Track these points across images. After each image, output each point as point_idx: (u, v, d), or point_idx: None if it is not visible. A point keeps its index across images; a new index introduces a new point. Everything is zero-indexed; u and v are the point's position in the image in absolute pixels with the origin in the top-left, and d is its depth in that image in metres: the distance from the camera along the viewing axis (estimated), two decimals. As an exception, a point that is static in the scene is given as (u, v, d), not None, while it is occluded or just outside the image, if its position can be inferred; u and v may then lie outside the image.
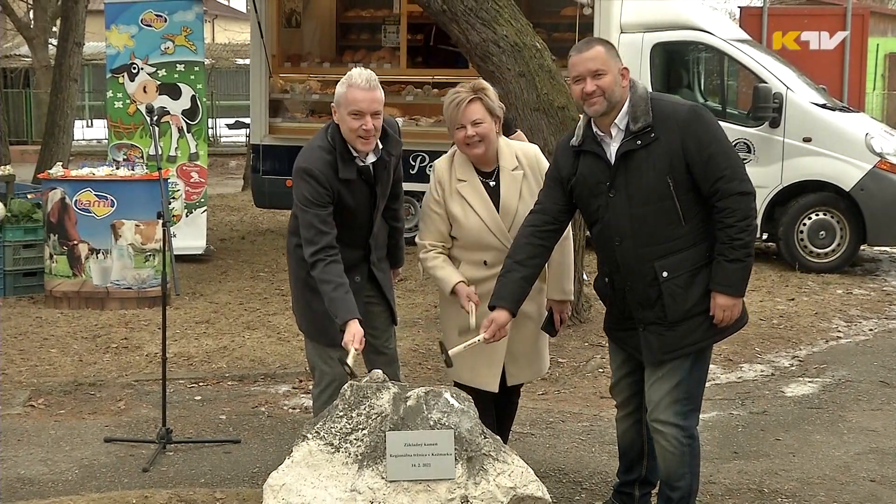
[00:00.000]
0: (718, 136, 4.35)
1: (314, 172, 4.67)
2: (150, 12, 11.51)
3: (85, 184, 9.49)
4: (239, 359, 7.85)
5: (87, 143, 27.98)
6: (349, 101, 4.63)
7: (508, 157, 4.94)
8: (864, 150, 11.00)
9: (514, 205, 4.88)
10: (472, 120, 4.77)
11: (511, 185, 4.91)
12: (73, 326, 8.74)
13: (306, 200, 4.67)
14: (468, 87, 4.87)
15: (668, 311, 4.38)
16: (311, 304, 4.89)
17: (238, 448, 6.01)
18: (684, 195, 4.35)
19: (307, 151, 4.78)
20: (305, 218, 4.69)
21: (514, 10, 8.27)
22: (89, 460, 5.83)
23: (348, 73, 4.72)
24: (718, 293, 4.34)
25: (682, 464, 4.58)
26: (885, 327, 9.00)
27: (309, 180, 4.67)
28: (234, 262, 11.52)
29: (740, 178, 4.30)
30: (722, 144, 4.35)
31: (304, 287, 4.93)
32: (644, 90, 4.46)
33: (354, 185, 4.77)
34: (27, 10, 29.74)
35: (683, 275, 4.37)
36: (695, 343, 4.44)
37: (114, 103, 11.60)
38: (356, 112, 4.62)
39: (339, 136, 4.73)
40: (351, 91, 4.64)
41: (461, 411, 4.10)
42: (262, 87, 12.67)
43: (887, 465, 5.72)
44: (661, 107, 4.38)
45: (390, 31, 12.78)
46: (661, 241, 4.37)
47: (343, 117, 4.67)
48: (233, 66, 31.43)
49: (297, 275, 5.01)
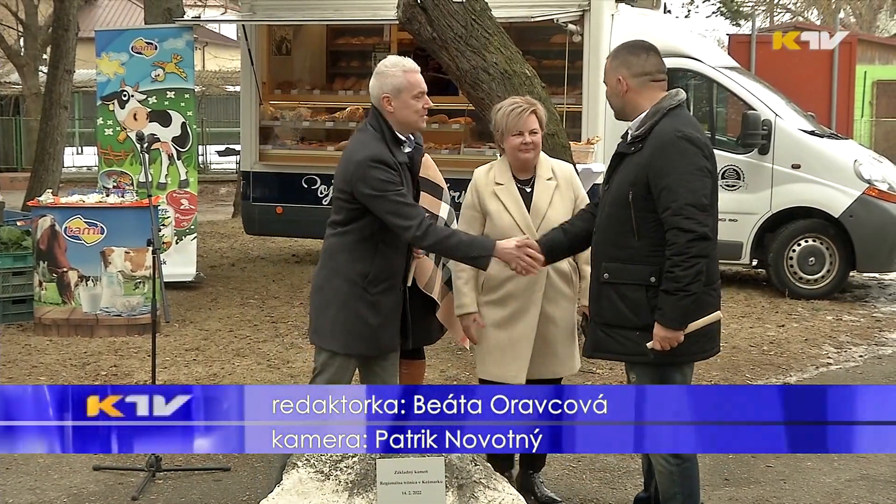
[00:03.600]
0: (682, 168, 4.47)
1: (382, 157, 4.77)
2: (140, 40, 11.53)
3: (75, 211, 9.48)
4: (229, 386, 7.83)
5: (78, 170, 27.95)
6: (413, 84, 4.90)
7: (545, 168, 5.44)
8: (852, 176, 11.05)
9: (544, 208, 5.35)
10: (531, 129, 5.30)
11: (544, 191, 5.38)
12: (62, 354, 8.71)
13: (384, 184, 4.72)
14: (524, 100, 5.46)
15: (601, 311, 4.69)
16: (367, 319, 4.89)
17: (228, 476, 5.99)
18: (640, 211, 4.55)
19: (361, 146, 4.85)
20: (389, 202, 4.71)
21: (504, 37, 8.31)
22: (78, 489, 5.81)
23: (392, 62, 5.02)
24: (656, 320, 4.49)
25: (672, 483, 4.67)
26: (874, 353, 9.02)
27: (379, 165, 4.74)
28: (224, 289, 11.51)
29: (686, 215, 4.42)
30: (682, 178, 4.46)
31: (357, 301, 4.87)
32: (669, 104, 4.64)
33: (404, 170, 4.90)
34: (17, 37, 29.80)
35: (623, 285, 4.61)
36: (627, 354, 4.67)
37: (104, 130, 11.60)
38: (420, 93, 4.91)
39: (385, 125, 4.88)
40: (411, 75, 4.92)
41: (452, 438, 4.10)
42: (253, 114, 12.68)
43: (878, 492, 5.72)
44: (662, 123, 4.58)
45: (380, 59, 12.81)
46: (613, 246, 4.66)
47: (406, 102, 4.87)
48: (223, 94, 31.48)
49: (343, 293, 4.89)
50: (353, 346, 4.92)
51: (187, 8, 16.77)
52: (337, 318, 4.89)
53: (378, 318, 4.91)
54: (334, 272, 4.92)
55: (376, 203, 4.74)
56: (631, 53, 4.77)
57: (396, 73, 4.92)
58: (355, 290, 4.87)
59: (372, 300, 4.89)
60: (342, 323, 4.89)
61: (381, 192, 4.72)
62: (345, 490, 4.02)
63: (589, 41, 11.27)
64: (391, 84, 4.91)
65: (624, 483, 5.86)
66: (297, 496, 4.04)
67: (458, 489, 4.03)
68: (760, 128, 11.12)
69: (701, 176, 4.50)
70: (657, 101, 4.65)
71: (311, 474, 4.07)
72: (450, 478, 4.03)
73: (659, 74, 4.76)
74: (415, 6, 8.10)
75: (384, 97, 4.89)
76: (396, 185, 4.76)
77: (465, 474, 4.04)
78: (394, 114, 4.88)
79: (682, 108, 4.72)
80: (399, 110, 4.88)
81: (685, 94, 4.81)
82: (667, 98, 4.68)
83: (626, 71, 4.72)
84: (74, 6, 17.37)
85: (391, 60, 5.04)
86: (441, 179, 6.51)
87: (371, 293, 4.89)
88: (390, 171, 4.76)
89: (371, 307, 4.89)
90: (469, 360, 8.13)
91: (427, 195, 6.39)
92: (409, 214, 4.73)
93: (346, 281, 4.88)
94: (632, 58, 4.74)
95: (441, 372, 8.08)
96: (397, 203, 4.73)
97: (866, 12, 36.63)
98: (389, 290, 4.95)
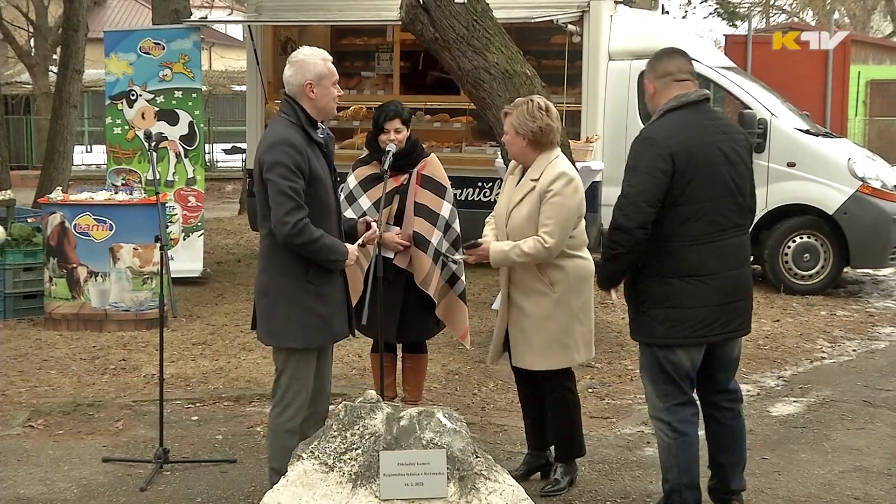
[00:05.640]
0: (632, 164, 4.86)
1: (291, 140, 4.83)
2: (148, 40, 11.54)
3: (84, 208, 9.49)
4: (235, 380, 7.84)
5: (87, 168, 27.94)
6: (332, 72, 4.99)
7: (535, 169, 5.47)
8: (846, 174, 11.04)
9: (510, 204, 5.50)
10: (504, 131, 5.59)
11: (519, 189, 5.49)
12: (72, 348, 8.73)
13: (286, 172, 4.75)
14: (516, 102, 5.65)
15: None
16: (317, 310, 4.90)
17: (234, 468, 5.99)
18: None
19: (272, 133, 4.92)
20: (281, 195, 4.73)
21: (505, 38, 8.31)
22: (88, 480, 5.81)
23: (309, 51, 5.04)
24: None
25: (668, 456, 4.92)
26: (867, 348, 9.02)
27: (288, 149, 4.79)
28: (231, 284, 11.51)
29: (618, 205, 4.85)
30: (629, 173, 4.85)
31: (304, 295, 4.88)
32: (668, 105, 4.91)
33: (319, 150, 4.95)
34: (28, 38, 29.82)
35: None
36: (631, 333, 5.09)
37: (113, 129, 11.61)
38: (336, 81, 5.02)
39: (301, 111, 4.94)
40: (329, 64, 4.99)
41: (453, 431, 4.11)
42: (258, 112, 12.68)
43: (871, 484, 5.73)
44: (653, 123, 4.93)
45: (384, 59, 12.82)
46: None
47: (327, 89, 4.96)
48: (229, 93, 31.46)
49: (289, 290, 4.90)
50: (310, 340, 4.92)
51: (194, 9, 16.76)
52: (290, 316, 4.88)
53: (327, 307, 4.93)
54: (276, 272, 4.92)
55: (271, 186, 4.76)
56: (657, 58, 5.06)
57: (317, 62, 4.97)
58: (299, 285, 4.87)
59: (318, 291, 4.91)
60: (295, 319, 4.88)
61: (280, 178, 4.74)
62: (349, 482, 4.02)
63: (588, 41, 11.26)
64: (314, 72, 4.94)
65: (622, 475, 5.86)
66: (301, 487, 4.04)
67: (459, 480, 4.03)
68: (756, 126, 11.10)
69: (645, 174, 4.77)
70: (669, 102, 4.89)
71: (316, 466, 4.07)
72: (451, 469, 4.03)
73: (681, 74, 4.96)
74: (417, 7, 8.10)
75: (308, 84, 4.92)
76: (296, 177, 4.76)
77: (466, 466, 4.05)
78: (314, 100, 4.94)
79: (686, 108, 4.87)
80: (320, 97, 4.95)
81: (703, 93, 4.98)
82: (673, 98, 4.87)
83: (651, 74, 5.01)
84: (84, 7, 17.38)
85: (308, 50, 5.06)
86: (445, 179, 6.52)
87: (315, 284, 4.90)
88: (297, 157, 4.78)
89: (318, 298, 4.91)
90: (470, 354, 8.14)
91: (430, 193, 6.41)
92: (292, 210, 4.73)
93: (290, 278, 4.88)
94: (656, 61, 5.04)
95: (443, 366, 8.09)
96: (288, 196, 4.74)
97: (860, 13, 36.60)
98: (332, 279, 4.97)
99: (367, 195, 6.44)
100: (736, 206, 4.91)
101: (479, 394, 7.54)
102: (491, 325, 8.91)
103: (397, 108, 6.37)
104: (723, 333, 4.93)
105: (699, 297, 4.83)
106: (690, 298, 4.83)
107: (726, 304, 4.89)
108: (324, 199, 4.93)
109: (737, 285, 4.94)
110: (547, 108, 5.51)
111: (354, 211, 6.35)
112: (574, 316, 5.50)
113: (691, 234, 4.82)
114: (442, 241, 6.38)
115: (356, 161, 6.68)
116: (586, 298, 5.56)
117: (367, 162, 6.55)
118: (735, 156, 4.93)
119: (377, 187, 6.27)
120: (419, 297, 6.35)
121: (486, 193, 11.50)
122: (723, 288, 4.87)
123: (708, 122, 4.94)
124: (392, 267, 6.25)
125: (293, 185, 4.73)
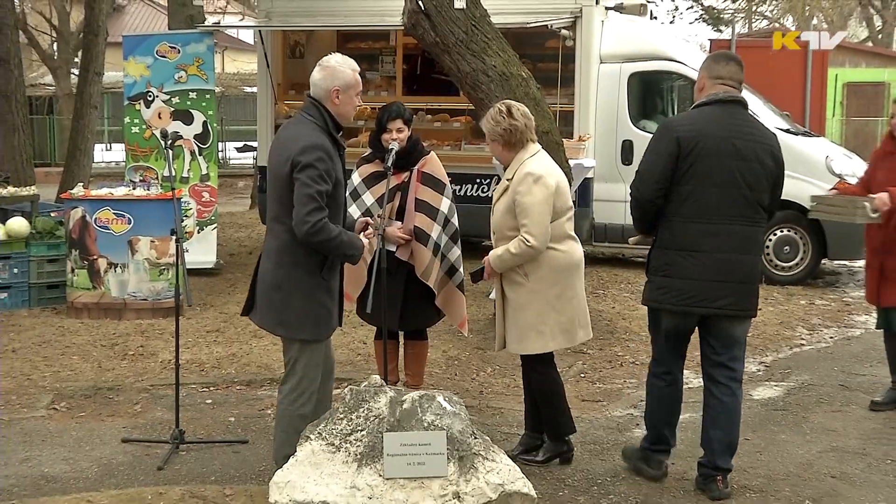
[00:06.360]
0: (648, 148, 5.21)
1: (324, 146, 4.77)
2: (164, 44, 11.51)
3: (104, 203, 9.49)
4: (247, 365, 7.84)
5: (107, 165, 27.90)
6: (358, 83, 4.98)
7: (510, 169, 5.54)
8: (824, 171, 11.03)
9: (494, 201, 5.63)
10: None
11: (499, 188, 5.62)
12: (92, 335, 8.73)
13: (317, 175, 4.68)
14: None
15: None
16: (326, 304, 4.89)
17: (246, 448, 6.00)
18: None
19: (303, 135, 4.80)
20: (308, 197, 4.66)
21: (502, 42, 8.29)
22: (108, 459, 5.82)
23: (340, 59, 5.00)
24: None
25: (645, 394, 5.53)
26: (844, 335, 9.03)
27: (322, 155, 4.72)
28: (242, 275, 11.49)
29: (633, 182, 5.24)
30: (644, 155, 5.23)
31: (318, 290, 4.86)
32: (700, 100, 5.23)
33: (342, 155, 4.93)
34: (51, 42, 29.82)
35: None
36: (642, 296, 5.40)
37: (131, 128, 11.59)
38: (359, 93, 5.01)
39: (328, 115, 4.89)
40: (357, 75, 4.99)
41: (453, 414, 4.11)
42: (269, 112, 12.66)
43: (846, 463, 5.73)
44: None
45: (387, 62, 12.80)
46: None
47: (351, 98, 4.94)
48: (241, 94, 31.39)
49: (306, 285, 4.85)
50: (322, 332, 4.93)
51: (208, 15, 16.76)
52: (306, 309, 4.84)
53: (332, 300, 4.94)
54: (293, 266, 4.84)
55: (302, 190, 4.69)
56: (715, 60, 5.32)
57: (346, 71, 4.94)
58: (314, 280, 4.84)
59: (328, 286, 4.91)
60: (308, 312, 4.85)
61: (313, 184, 4.67)
62: (354, 461, 4.02)
63: (580, 45, 11.25)
64: (343, 79, 4.91)
65: (613, 455, 5.86)
66: (310, 467, 4.04)
67: (458, 460, 4.03)
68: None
69: (653, 154, 5.14)
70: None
71: (323, 447, 4.07)
72: (451, 450, 4.03)
73: (730, 80, 5.22)
74: (419, 13, 8.09)
75: (335, 90, 4.89)
76: (324, 182, 4.71)
77: (465, 447, 4.05)
78: (337, 106, 4.91)
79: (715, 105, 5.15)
80: (343, 104, 4.92)
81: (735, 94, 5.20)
82: (707, 95, 5.18)
83: (706, 72, 5.26)
84: (104, 13, 17.34)
85: (339, 58, 5.01)
86: (444, 176, 6.51)
87: (327, 279, 4.89)
88: (328, 163, 4.75)
89: (327, 292, 4.91)
90: (468, 341, 8.14)
91: (429, 189, 6.40)
92: (313, 210, 4.68)
93: (307, 273, 4.83)
94: (714, 63, 5.28)
95: (443, 352, 8.09)
96: (313, 199, 4.68)
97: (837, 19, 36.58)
98: (336, 274, 4.99)
99: (371, 192, 6.43)
100: (742, 198, 5.08)
101: (478, 379, 7.54)
102: (487, 314, 8.92)
103: (399, 109, 6.36)
104: (706, 308, 5.10)
105: (687, 270, 5.09)
106: (680, 270, 5.10)
107: (713, 281, 5.06)
108: (339, 200, 4.92)
109: (729, 268, 5.07)
110: (509, 110, 5.52)
111: (359, 207, 6.35)
112: (549, 305, 5.49)
113: (689, 213, 5.07)
114: (441, 235, 6.37)
115: (360, 159, 6.67)
116: (562, 289, 5.51)
117: (370, 160, 6.54)
118: (751, 154, 5.10)
119: (380, 184, 6.26)
120: (420, 288, 6.35)
121: (483, 189, 11.50)
122: (713, 266, 5.05)
123: (732, 121, 5.14)
124: (394, 259, 6.25)
125: (320, 190, 4.69)
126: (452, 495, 3.96)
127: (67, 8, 28.25)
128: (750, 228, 5.14)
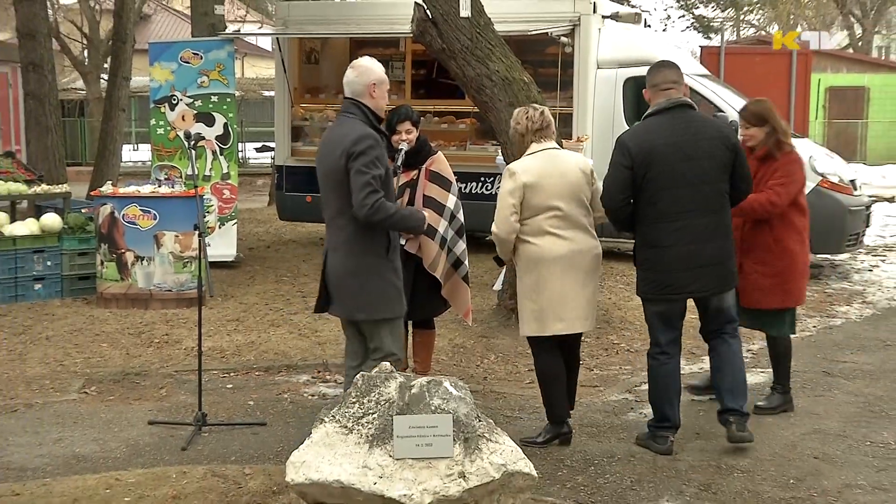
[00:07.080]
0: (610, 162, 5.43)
1: (375, 136, 4.92)
2: (188, 51, 11.51)
3: (131, 200, 9.49)
4: (265, 352, 7.84)
5: (134, 164, 27.91)
6: (387, 81, 5.14)
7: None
8: (808, 170, 10.96)
9: None
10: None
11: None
12: (121, 324, 8.74)
13: (374, 162, 4.82)
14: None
15: None
16: (396, 283, 5.04)
17: (264, 430, 6.00)
18: None
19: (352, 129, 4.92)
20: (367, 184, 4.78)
21: (505, 48, 8.27)
22: (135, 440, 5.83)
23: (370, 61, 5.10)
24: None
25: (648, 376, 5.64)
26: (826, 325, 9.01)
27: (375, 144, 4.87)
28: (261, 267, 11.51)
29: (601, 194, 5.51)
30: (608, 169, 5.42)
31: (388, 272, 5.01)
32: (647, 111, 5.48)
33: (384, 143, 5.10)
34: (82, 49, 29.82)
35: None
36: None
37: (156, 130, 11.60)
38: (388, 89, 5.17)
39: (368, 110, 5.03)
40: (385, 75, 5.13)
41: (459, 398, 4.10)
42: (286, 115, 12.67)
43: (828, 444, 5.72)
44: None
45: (397, 67, 12.78)
46: None
47: (384, 92, 5.11)
48: (260, 98, 31.42)
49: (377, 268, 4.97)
50: (397, 309, 5.07)
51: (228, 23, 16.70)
52: (381, 289, 4.97)
53: (400, 280, 5.08)
54: (363, 254, 4.95)
55: (358, 177, 4.79)
56: (649, 71, 5.53)
57: (377, 68, 5.08)
58: (383, 262, 4.98)
59: (395, 266, 5.05)
60: (384, 292, 4.99)
61: (368, 170, 4.80)
62: (366, 442, 4.02)
63: (578, 52, 11.23)
64: (377, 75, 5.05)
65: (609, 437, 5.86)
66: (324, 448, 4.04)
67: (464, 442, 4.02)
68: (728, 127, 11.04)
69: (613, 167, 5.39)
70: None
71: (337, 429, 4.07)
72: (457, 432, 4.02)
73: (664, 84, 5.45)
74: (427, 21, 8.08)
75: (372, 84, 5.01)
76: (377, 168, 4.84)
77: (470, 429, 4.04)
78: (375, 100, 5.04)
79: (660, 114, 5.35)
80: (379, 97, 5.06)
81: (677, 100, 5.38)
82: (652, 106, 5.40)
83: (647, 84, 5.51)
84: (131, 22, 17.36)
85: (368, 59, 5.14)
86: (450, 174, 6.50)
87: (393, 261, 5.03)
88: (379, 150, 4.89)
89: (395, 273, 5.05)
90: (473, 329, 8.13)
91: (437, 187, 6.39)
92: (370, 193, 4.79)
93: (377, 257, 4.96)
94: (649, 74, 5.54)
95: (450, 340, 8.09)
96: (370, 185, 4.79)
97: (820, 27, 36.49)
98: (399, 255, 5.13)
99: None
100: (700, 194, 5.33)
101: (482, 365, 7.53)
102: (491, 304, 8.91)
103: (408, 112, 6.36)
104: (682, 293, 5.44)
105: (660, 264, 5.40)
106: (654, 264, 5.43)
107: (682, 271, 5.35)
108: (389, 183, 5.04)
109: (692, 257, 5.34)
110: (517, 114, 5.75)
111: None
112: (524, 293, 5.63)
113: (653, 214, 5.37)
114: (448, 230, 6.36)
115: None
116: (536, 280, 5.53)
117: None
118: (699, 153, 5.33)
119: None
120: (428, 280, 6.34)
121: (487, 187, 11.49)
122: (677, 258, 5.34)
123: (676, 126, 5.35)
124: (403, 252, 6.24)
125: (375, 174, 4.82)
126: (458, 475, 3.95)
127: (97, 17, 28.25)
128: (713, 217, 5.38)
